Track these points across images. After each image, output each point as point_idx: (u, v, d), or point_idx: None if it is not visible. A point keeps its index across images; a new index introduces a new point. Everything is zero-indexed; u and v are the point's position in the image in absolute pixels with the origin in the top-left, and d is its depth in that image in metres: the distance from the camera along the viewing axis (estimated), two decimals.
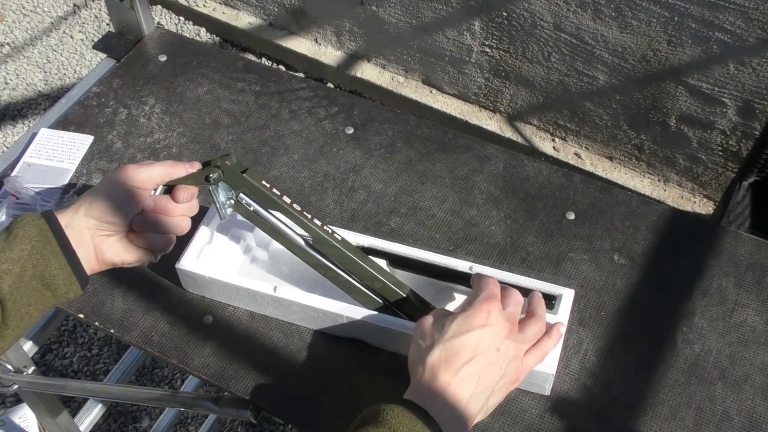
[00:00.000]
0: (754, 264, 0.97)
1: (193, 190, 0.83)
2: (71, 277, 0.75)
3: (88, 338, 1.92)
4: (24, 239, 0.73)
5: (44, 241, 0.73)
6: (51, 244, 0.74)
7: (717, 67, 1.79)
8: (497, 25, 2.05)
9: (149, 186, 0.81)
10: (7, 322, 0.72)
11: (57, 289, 0.74)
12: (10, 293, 0.71)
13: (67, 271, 0.74)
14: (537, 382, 0.85)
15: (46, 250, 0.73)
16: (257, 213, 0.83)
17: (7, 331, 0.72)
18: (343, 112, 1.16)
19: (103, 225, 0.78)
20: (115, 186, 0.79)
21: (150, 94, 1.19)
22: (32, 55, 2.61)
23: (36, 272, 0.73)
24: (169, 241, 0.83)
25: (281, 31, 2.57)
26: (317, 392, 0.86)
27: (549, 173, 1.08)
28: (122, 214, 0.78)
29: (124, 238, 0.81)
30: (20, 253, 0.72)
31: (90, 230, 0.77)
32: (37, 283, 0.73)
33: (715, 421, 0.84)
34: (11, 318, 0.72)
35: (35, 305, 0.73)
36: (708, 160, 2.00)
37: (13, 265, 0.71)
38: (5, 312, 0.71)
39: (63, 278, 0.74)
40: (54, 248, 0.74)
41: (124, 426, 1.78)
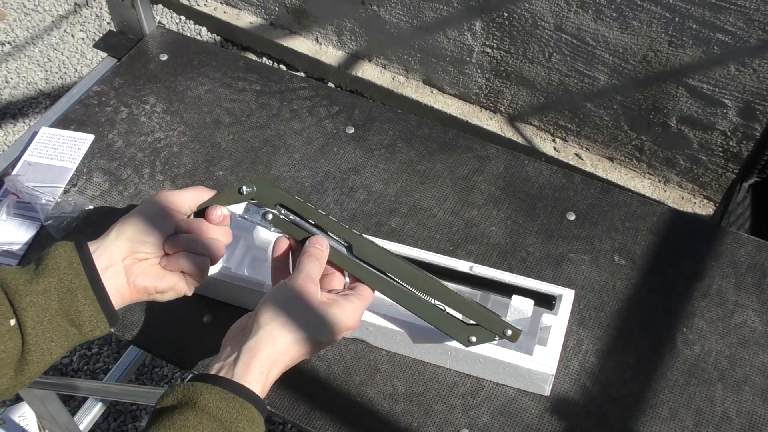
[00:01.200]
0: (754, 265, 0.97)
1: (224, 211, 0.80)
2: (99, 314, 0.71)
3: None
4: (53, 271, 0.70)
5: (73, 274, 0.70)
6: (80, 278, 0.70)
7: (718, 68, 1.79)
8: (498, 25, 2.05)
9: (182, 208, 0.78)
10: (27, 357, 0.68)
11: (83, 325, 0.71)
12: (32, 327, 0.68)
13: (94, 306, 0.71)
14: (537, 382, 0.85)
15: (74, 284, 0.70)
16: (296, 223, 0.81)
17: (27, 366, 0.69)
18: (343, 112, 1.16)
19: (136, 246, 0.75)
20: (148, 208, 0.77)
21: (151, 93, 1.19)
22: (33, 54, 2.61)
23: (61, 306, 0.69)
24: (205, 265, 0.78)
25: (282, 30, 2.57)
26: (317, 392, 0.86)
27: (549, 174, 1.08)
28: (155, 234, 0.75)
29: (158, 264, 0.77)
30: (47, 286, 0.69)
31: (122, 252, 0.74)
32: (62, 317, 0.70)
33: (715, 422, 0.84)
34: (32, 353, 0.68)
35: (58, 341, 0.70)
36: (708, 161, 2.00)
37: (38, 297, 0.68)
38: (26, 346, 0.68)
39: (89, 314, 0.71)
40: (83, 282, 0.70)
41: (123, 425, 1.78)
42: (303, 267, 0.76)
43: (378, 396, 0.86)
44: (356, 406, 0.86)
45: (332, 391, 0.87)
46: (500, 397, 0.86)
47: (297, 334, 0.71)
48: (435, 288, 0.80)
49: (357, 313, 0.76)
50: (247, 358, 0.68)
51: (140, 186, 1.07)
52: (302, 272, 0.75)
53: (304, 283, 0.74)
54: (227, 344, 0.73)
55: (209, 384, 0.65)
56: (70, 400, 1.77)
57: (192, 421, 0.63)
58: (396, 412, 0.85)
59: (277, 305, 0.72)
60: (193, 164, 1.09)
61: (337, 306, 0.74)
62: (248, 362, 0.68)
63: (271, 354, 0.69)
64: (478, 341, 0.80)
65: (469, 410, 0.85)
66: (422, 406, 0.85)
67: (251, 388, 0.67)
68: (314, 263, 0.76)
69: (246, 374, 0.68)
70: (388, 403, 0.86)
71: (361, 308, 0.77)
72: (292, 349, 0.71)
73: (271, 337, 0.70)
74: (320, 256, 0.77)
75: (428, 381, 0.87)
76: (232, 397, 0.65)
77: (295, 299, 0.73)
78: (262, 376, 0.68)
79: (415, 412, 0.85)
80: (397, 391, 0.87)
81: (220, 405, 0.64)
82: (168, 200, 0.78)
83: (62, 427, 1.40)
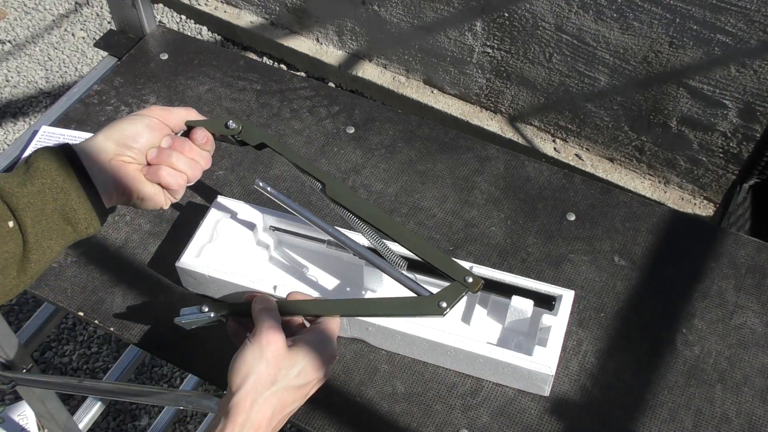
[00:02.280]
0: (754, 266, 0.97)
1: (208, 135, 0.84)
2: (91, 212, 0.74)
3: (87, 336, 1.92)
4: (45, 172, 0.72)
5: (65, 174, 0.72)
6: (71, 178, 0.73)
7: (718, 69, 1.79)
8: (499, 25, 2.05)
9: (170, 122, 0.82)
10: (29, 255, 0.71)
11: (78, 223, 0.74)
12: (32, 227, 0.71)
13: (87, 205, 0.74)
14: (536, 382, 0.85)
15: (67, 184, 0.72)
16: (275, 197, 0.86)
17: (30, 265, 0.72)
18: (344, 112, 1.16)
19: (122, 149, 0.77)
20: (137, 117, 0.80)
21: (151, 92, 1.19)
22: (34, 53, 2.61)
23: (57, 206, 0.72)
24: (181, 181, 0.81)
25: (283, 30, 2.57)
26: (317, 391, 0.86)
27: (550, 174, 1.08)
28: (141, 141, 0.78)
29: (140, 171, 0.80)
30: (41, 187, 0.71)
31: (108, 153, 0.77)
32: (58, 217, 0.72)
33: (714, 423, 0.84)
34: (33, 251, 0.71)
35: (56, 239, 0.73)
36: (709, 162, 2.00)
37: (34, 198, 0.71)
38: (27, 246, 0.71)
39: (83, 213, 0.74)
40: (74, 182, 0.73)
41: (123, 424, 1.78)
42: (261, 319, 0.76)
43: (377, 396, 0.86)
44: (356, 406, 0.86)
45: (332, 390, 0.87)
46: (500, 397, 0.86)
47: (273, 386, 0.71)
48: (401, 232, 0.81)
49: (330, 345, 0.76)
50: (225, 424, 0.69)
51: None
52: (262, 324, 0.75)
53: (267, 334, 0.74)
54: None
55: None
56: (69, 399, 1.77)
57: None
58: (395, 412, 0.85)
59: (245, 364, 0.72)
60: None
61: (306, 344, 0.75)
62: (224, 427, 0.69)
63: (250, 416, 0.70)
64: (449, 303, 0.77)
65: (469, 410, 0.85)
66: (422, 406, 0.85)
67: None
68: (269, 313, 0.76)
69: None
70: (388, 403, 0.86)
71: (331, 337, 0.77)
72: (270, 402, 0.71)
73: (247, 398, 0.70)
74: (271, 306, 0.78)
75: (428, 381, 0.87)
76: None
77: (262, 353, 0.72)
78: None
79: (414, 412, 0.85)
80: (397, 391, 0.87)
81: None
82: (158, 114, 0.81)
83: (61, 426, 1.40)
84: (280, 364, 0.72)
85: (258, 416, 0.70)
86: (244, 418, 0.69)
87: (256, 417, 0.70)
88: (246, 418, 0.69)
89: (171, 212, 1.04)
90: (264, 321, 0.75)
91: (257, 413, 0.70)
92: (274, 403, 0.71)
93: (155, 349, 0.92)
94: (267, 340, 0.73)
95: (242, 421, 0.69)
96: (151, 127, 0.80)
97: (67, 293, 0.95)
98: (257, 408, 0.70)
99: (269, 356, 0.72)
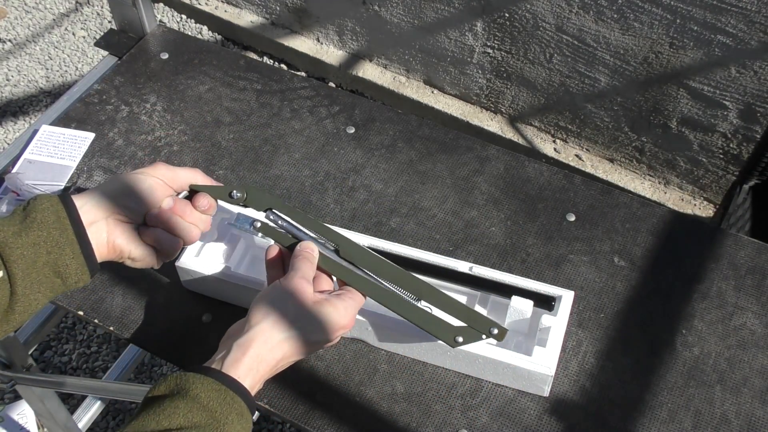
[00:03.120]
0: (753, 267, 0.97)
1: (212, 202, 0.83)
2: (83, 267, 0.74)
3: (87, 335, 1.92)
4: (41, 224, 0.72)
5: (61, 228, 0.72)
6: (67, 232, 0.72)
7: (719, 70, 1.79)
8: (499, 26, 2.05)
9: (174, 183, 0.81)
10: (14, 306, 0.71)
11: (68, 277, 0.74)
12: (21, 279, 0.70)
13: (80, 260, 0.73)
14: (536, 383, 0.85)
15: (62, 239, 0.72)
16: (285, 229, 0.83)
17: (13, 316, 0.71)
18: (344, 112, 1.16)
19: (119, 209, 0.77)
20: (141, 175, 0.79)
21: (151, 92, 1.19)
22: (34, 52, 2.61)
23: (49, 260, 0.72)
24: (177, 246, 0.81)
25: (283, 29, 2.57)
26: (316, 391, 0.86)
27: (550, 175, 1.08)
28: (141, 203, 0.78)
29: (135, 230, 0.79)
30: (36, 239, 0.71)
31: (104, 211, 0.76)
32: (49, 270, 0.72)
33: (714, 424, 0.84)
34: (19, 303, 0.71)
35: (44, 292, 0.73)
36: (709, 163, 2.00)
37: (27, 250, 0.71)
38: (14, 297, 0.71)
39: (75, 267, 0.73)
40: (69, 237, 0.72)
41: (122, 423, 1.78)
42: (296, 267, 0.77)
43: (377, 396, 0.86)
44: (355, 405, 0.86)
45: (331, 390, 0.87)
46: (499, 397, 0.86)
47: (288, 331, 0.72)
48: (421, 288, 0.81)
49: (350, 313, 0.77)
50: (238, 354, 0.70)
51: None
52: (296, 272, 0.77)
53: (298, 282, 0.75)
54: (223, 345, 0.74)
55: (201, 375, 0.67)
56: (68, 398, 1.77)
57: (182, 408, 0.64)
58: (395, 412, 0.85)
59: (269, 303, 0.73)
60: (193, 163, 1.09)
61: (330, 305, 0.75)
62: (238, 357, 0.69)
63: (261, 351, 0.70)
64: (465, 341, 0.81)
65: (468, 411, 0.85)
66: (421, 407, 0.85)
67: (241, 382, 0.68)
68: (307, 264, 0.78)
69: (235, 368, 0.69)
70: (387, 403, 0.86)
71: (354, 308, 0.78)
72: (283, 347, 0.72)
73: (262, 334, 0.71)
74: (312, 259, 0.79)
75: (427, 381, 0.87)
76: (223, 389, 0.66)
77: (287, 297, 0.74)
78: (252, 372, 0.69)
79: (413, 412, 0.85)
80: (396, 391, 0.87)
81: (211, 395, 0.65)
82: (162, 174, 0.80)
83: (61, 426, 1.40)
84: (300, 314, 0.73)
85: (269, 355, 0.71)
86: (256, 353, 0.70)
87: (267, 355, 0.71)
88: (258, 353, 0.70)
89: None
90: (299, 269, 0.76)
91: (269, 352, 0.71)
92: (285, 349, 0.72)
93: (155, 349, 0.92)
94: (296, 288, 0.74)
95: (254, 355, 0.70)
96: (153, 188, 0.78)
97: (67, 292, 0.95)
98: (269, 347, 0.71)
99: (293, 303, 0.73)
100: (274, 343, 0.71)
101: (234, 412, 0.65)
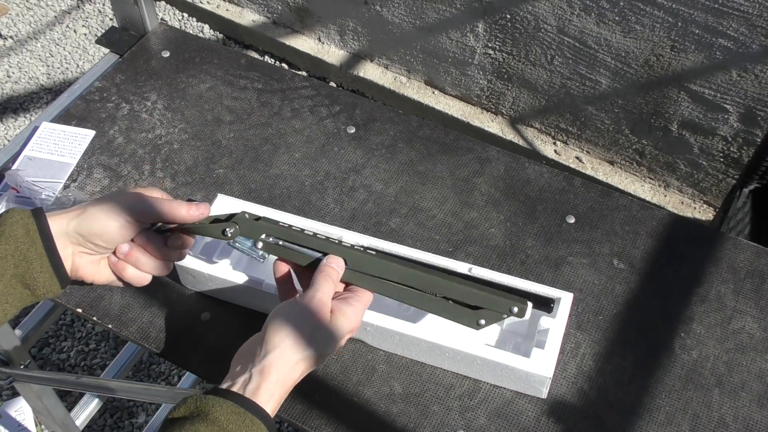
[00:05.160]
0: (753, 271, 0.97)
1: (189, 241, 0.81)
2: (52, 279, 0.73)
3: (85, 333, 1.92)
4: (9, 239, 0.71)
5: (29, 242, 0.71)
6: (36, 246, 0.72)
7: (720, 73, 1.79)
8: (501, 27, 2.05)
9: (147, 220, 0.77)
10: None
11: (37, 288, 0.73)
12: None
13: (48, 272, 0.73)
14: (534, 385, 0.85)
15: (30, 253, 0.71)
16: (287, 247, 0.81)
17: None
18: (345, 112, 1.16)
19: (88, 245, 0.75)
20: (113, 210, 0.76)
21: (152, 90, 1.19)
22: (35, 49, 2.61)
23: (17, 272, 0.71)
24: (144, 281, 0.79)
25: (285, 29, 2.57)
26: (314, 391, 0.86)
27: (550, 176, 1.08)
28: (110, 241, 0.76)
29: (102, 260, 0.78)
30: (3, 253, 0.71)
31: (73, 245, 0.75)
32: (17, 282, 0.72)
33: (711, 427, 0.84)
34: None
35: (12, 303, 0.72)
36: (709, 166, 2.00)
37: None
38: None
39: (44, 280, 0.73)
40: (38, 250, 0.72)
41: (120, 421, 1.78)
42: (318, 286, 0.76)
43: (375, 396, 0.86)
44: (353, 406, 0.86)
45: (329, 390, 0.87)
46: (497, 399, 0.86)
47: (306, 351, 0.72)
48: (434, 283, 0.80)
49: (358, 316, 0.77)
50: (259, 380, 0.69)
51: (140, 182, 1.07)
52: (317, 291, 0.75)
53: (318, 304, 0.74)
54: (237, 363, 0.73)
55: (221, 398, 0.66)
56: (66, 395, 1.77)
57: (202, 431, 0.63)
58: (393, 412, 0.85)
59: (287, 324, 0.72)
60: (193, 161, 1.09)
61: (342, 315, 0.75)
62: (259, 383, 0.69)
63: (281, 375, 0.70)
64: (488, 322, 0.79)
65: (466, 412, 0.85)
66: (419, 407, 0.85)
67: (262, 407, 0.68)
68: (329, 283, 0.77)
69: (257, 395, 0.68)
70: (385, 403, 0.86)
71: (362, 310, 0.78)
72: (300, 367, 0.72)
73: (282, 358, 0.70)
74: (335, 277, 0.78)
75: (425, 382, 0.87)
76: (242, 412, 0.66)
77: (306, 318, 0.73)
78: (273, 397, 0.69)
79: (411, 412, 0.85)
80: (395, 392, 0.87)
81: (231, 419, 0.65)
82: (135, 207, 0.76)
83: (59, 423, 1.40)
84: (317, 333, 0.73)
85: (288, 378, 0.71)
86: (277, 378, 0.70)
87: (286, 379, 0.71)
88: (278, 378, 0.70)
89: None
90: (319, 288, 0.75)
91: (288, 375, 0.71)
92: (302, 368, 0.72)
93: (153, 347, 0.91)
94: (315, 309, 0.74)
95: (275, 381, 0.69)
96: (125, 225, 0.75)
97: (66, 290, 0.95)
98: (288, 370, 0.71)
99: (310, 323, 0.73)
100: (292, 364, 0.71)
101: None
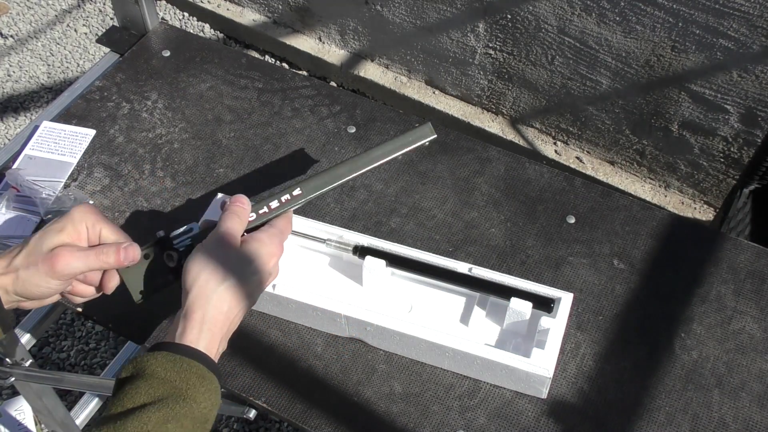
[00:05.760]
0: (753, 272, 0.97)
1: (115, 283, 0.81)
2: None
3: (85, 332, 1.92)
4: None
5: None
6: None
7: (720, 73, 1.79)
8: (501, 27, 2.05)
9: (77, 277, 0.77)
10: None
11: None
12: None
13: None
14: (534, 385, 0.85)
15: None
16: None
17: None
18: (345, 111, 1.16)
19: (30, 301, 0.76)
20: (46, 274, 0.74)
21: (153, 89, 1.19)
22: (36, 48, 2.61)
23: None
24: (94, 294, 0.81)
25: (285, 28, 2.56)
26: (313, 391, 0.86)
27: (550, 177, 1.08)
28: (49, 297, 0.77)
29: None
30: None
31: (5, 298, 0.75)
32: None
33: (711, 428, 0.84)
34: None
35: None
36: (709, 166, 2.00)
37: None
38: None
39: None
40: None
41: None
42: (221, 222, 0.77)
43: (375, 396, 0.86)
44: (353, 405, 0.86)
45: (329, 390, 0.87)
46: (497, 399, 0.86)
47: (224, 281, 0.72)
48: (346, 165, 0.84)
49: (276, 240, 0.78)
50: (184, 323, 0.70)
51: (140, 182, 1.07)
52: (219, 226, 0.76)
53: (223, 235, 0.75)
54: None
55: (155, 351, 0.68)
56: (66, 394, 1.76)
57: (143, 387, 0.65)
58: (393, 412, 0.85)
59: (198, 262, 0.73)
60: (193, 161, 1.09)
61: (254, 240, 0.76)
62: (185, 325, 0.70)
63: (205, 311, 0.71)
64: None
65: (466, 412, 0.85)
66: (419, 407, 0.85)
67: (195, 347, 0.69)
68: (233, 217, 0.77)
69: (186, 337, 0.69)
70: (385, 403, 0.86)
71: (278, 235, 0.78)
72: (224, 298, 0.72)
73: (200, 295, 0.71)
74: (241, 213, 0.78)
75: (425, 382, 0.87)
76: (177, 358, 0.67)
77: (213, 251, 0.74)
78: (203, 334, 0.70)
79: (411, 412, 0.85)
80: (394, 392, 0.87)
81: (167, 367, 0.66)
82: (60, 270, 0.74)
83: (58, 422, 1.40)
84: (228, 261, 0.73)
85: (214, 311, 0.71)
86: (201, 314, 0.70)
87: (212, 312, 0.71)
88: (202, 314, 0.70)
89: (170, 210, 1.04)
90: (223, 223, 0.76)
91: (213, 308, 0.71)
92: (229, 298, 0.72)
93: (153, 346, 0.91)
94: (218, 240, 0.74)
95: (199, 318, 0.70)
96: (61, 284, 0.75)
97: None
98: (212, 303, 0.71)
99: (222, 254, 0.73)
100: (214, 297, 0.71)
101: (194, 376, 0.66)
